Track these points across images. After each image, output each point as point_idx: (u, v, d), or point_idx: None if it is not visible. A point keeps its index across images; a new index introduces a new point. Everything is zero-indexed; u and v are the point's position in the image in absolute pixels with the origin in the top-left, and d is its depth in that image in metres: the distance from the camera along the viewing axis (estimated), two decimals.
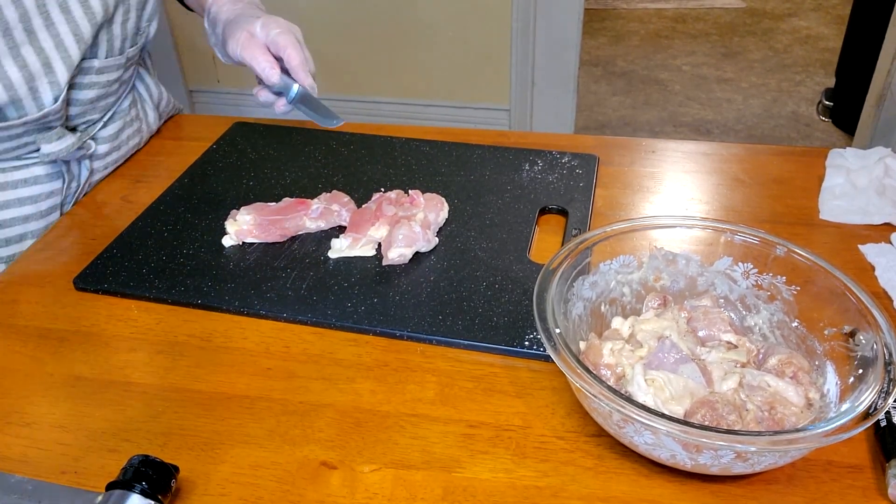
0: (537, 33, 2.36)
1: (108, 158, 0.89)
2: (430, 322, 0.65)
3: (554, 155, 0.89)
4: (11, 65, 0.72)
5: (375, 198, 0.79)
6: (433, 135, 0.95)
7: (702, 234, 0.63)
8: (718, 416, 0.49)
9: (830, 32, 3.53)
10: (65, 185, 0.84)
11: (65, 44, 0.75)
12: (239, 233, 0.75)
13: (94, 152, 0.86)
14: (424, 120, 2.59)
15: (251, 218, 0.75)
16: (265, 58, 0.78)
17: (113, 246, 0.75)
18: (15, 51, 0.72)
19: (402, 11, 2.40)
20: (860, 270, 0.71)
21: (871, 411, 0.47)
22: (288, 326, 0.66)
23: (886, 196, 0.80)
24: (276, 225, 0.75)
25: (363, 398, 0.59)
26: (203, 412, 0.58)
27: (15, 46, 0.72)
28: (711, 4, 3.88)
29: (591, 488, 0.52)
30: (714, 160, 0.90)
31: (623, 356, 0.55)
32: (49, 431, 0.57)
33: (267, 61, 0.78)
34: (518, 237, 0.75)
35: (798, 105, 2.95)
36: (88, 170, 0.87)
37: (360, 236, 0.73)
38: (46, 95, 0.76)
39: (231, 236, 0.75)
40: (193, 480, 0.53)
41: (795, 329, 0.59)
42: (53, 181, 0.83)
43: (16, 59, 0.72)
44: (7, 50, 0.71)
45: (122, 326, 0.67)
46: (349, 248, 0.73)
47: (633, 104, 3.00)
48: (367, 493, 0.52)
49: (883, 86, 2.09)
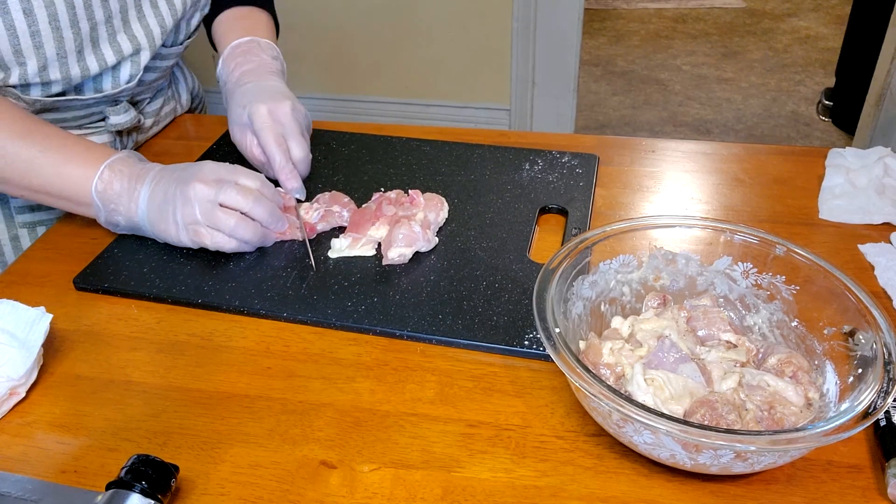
0: (537, 33, 2.36)
1: (150, 132, 0.98)
2: (430, 321, 0.65)
3: (554, 155, 0.89)
4: (108, 48, 0.81)
5: (375, 197, 0.79)
6: (433, 135, 0.95)
7: (701, 234, 0.63)
8: (718, 416, 0.49)
9: (830, 32, 3.53)
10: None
11: (153, 33, 0.85)
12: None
13: (142, 124, 0.94)
14: (424, 120, 2.59)
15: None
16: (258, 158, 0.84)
17: (113, 245, 0.75)
18: (112, 37, 0.81)
19: (402, 11, 2.40)
20: (860, 270, 0.71)
21: (871, 411, 0.47)
22: (288, 326, 0.66)
23: (886, 196, 0.80)
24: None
25: (363, 397, 0.59)
26: (203, 411, 0.58)
27: (113, 33, 0.81)
28: (711, 4, 3.88)
29: (590, 488, 0.52)
30: (714, 160, 0.91)
31: (623, 356, 0.55)
32: (49, 431, 0.57)
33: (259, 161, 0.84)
34: (518, 237, 0.75)
35: (798, 105, 2.95)
36: (134, 142, 0.94)
37: (359, 236, 0.73)
38: (125, 74, 0.85)
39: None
40: (193, 480, 0.53)
41: (795, 329, 0.59)
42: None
43: (111, 44, 0.82)
44: (107, 35, 0.81)
45: (122, 326, 0.67)
46: (349, 248, 0.73)
47: (633, 104, 3.00)
48: (367, 492, 0.52)
49: (883, 86, 2.09)
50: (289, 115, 0.82)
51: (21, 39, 0.73)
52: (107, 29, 0.80)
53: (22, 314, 0.60)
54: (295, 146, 0.82)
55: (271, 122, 0.81)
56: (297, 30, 2.42)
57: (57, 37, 0.75)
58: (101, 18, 0.79)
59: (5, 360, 0.57)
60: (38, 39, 0.74)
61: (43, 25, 0.74)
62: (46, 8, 0.74)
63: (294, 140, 0.82)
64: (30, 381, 0.60)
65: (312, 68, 2.54)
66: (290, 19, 2.50)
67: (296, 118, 0.83)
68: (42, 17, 0.74)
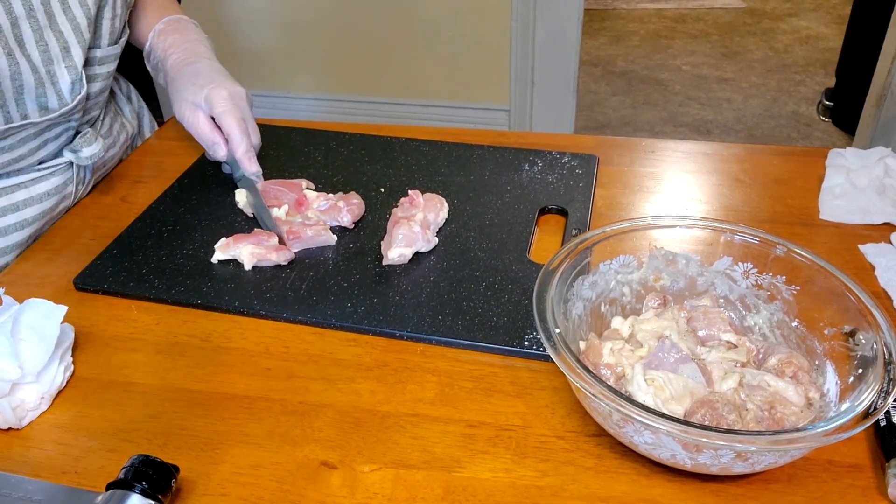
0: (537, 33, 2.36)
1: (107, 155, 0.90)
2: (430, 322, 0.65)
3: (554, 155, 0.89)
4: (34, 48, 0.73)
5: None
6: (433, 135, 0.95)
7: (702, 234, 0.63)
8: (718, 416, 0.49)
9: (830, 32, 3.53)
10: (75, 186, 0.86)
11: (80, 27, 0.77)
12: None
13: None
14: (424, 120, 2.59)
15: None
16: (211, 136, 0.82)
17: (113, 246, 0.75)
18: (38, 34, 0.73)
19: (402, 11, 2.40)
20: (860, 270, 0.71)
21: (871, 411, 0.47)
22: (288, 326, 0.66)
23: (886, 196, 0.80)
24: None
25: (363, 398, 0.59)
26: (203, 412, 0.58)
27: (39, 30, 0.73)
28: (711, 4, 3.88)
29: (591, 488, 0.52)
30: (714, 160, 0.90)
31: (623, 356, 0.55)
32: (49, 431, 0.57)
33: (212, 140, 0.82)
34: (518, 237, 0.75)
35: (798, 105, 2.95)
36: (91, 170, 0.87)
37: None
38: (65, 82, 0.77)
39: (220, 253, 0.73)
40: (193, 480, 0.53)
41: (795, 329, 0.59)
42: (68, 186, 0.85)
43: (38, 43, 0.74)
44: (31, 33, 0.73)
45: (121, 327, 0.67)
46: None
47: (633, 104, 3.00)
48: (368, 492, 0.52)
49: (883, 86, 2.09)
50: (244, 101, 0.84)
51: None
52: (31, 25, 0.72)
53: (39, 307, 0.60)
54: (253, 133, 0.84)
55: (232, 106, 0.81)
56: (296, 30, 2.42)
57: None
58: (21, 13, 0.71)
59: (28, 357, 0.57)
60: None
61: None
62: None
63: (252, 126, 0.84)
64: (55, 383, 0.59)
65: (311, 68, 2.54)
66: (289, 19, 2.50)
67: (249, 103, 0.85)
68: None
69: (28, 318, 0.59)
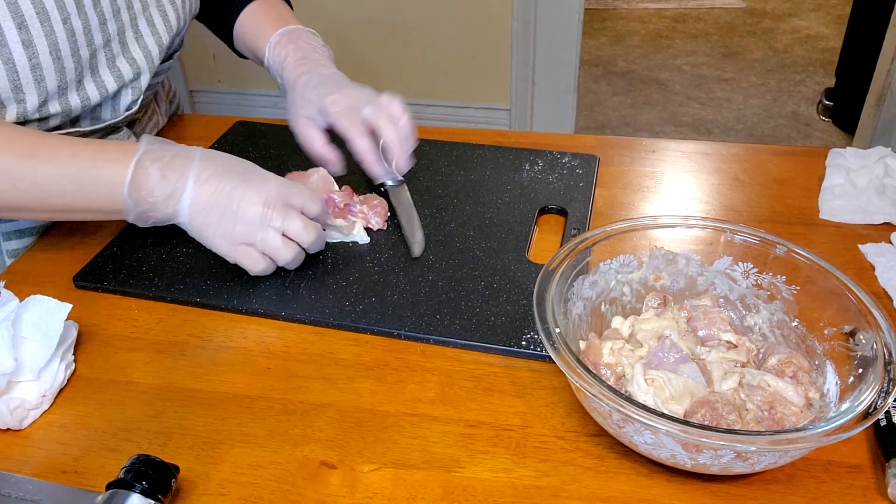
0: (537, 33, 2.36)
1: None
2: (429, 322, 0.65)
3: (554, 155, 0.89)
4: (108, 74, 0.76)
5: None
6: (433, 135, 0.95)
7: (702, 234, 0.63)
8: (718, 416, 0.49)
9: (830, 32, 3.53)
10: None
11: (152, 54, 0.80)
12: None
13: None
14: (424, 120, 2.58)
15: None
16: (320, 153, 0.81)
17: (113, 244, 0.75)
18: (111, 61, 0.76)
19: (402, 11, 2.40)
20: (860, 270, 0.71)
21: (871, 411, 0.47)
22: (288, 326, 0.66)
23: (886, 196, 0.80)
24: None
25: (363, 398, 0.59)
26: (203, 412, 0.58)
27: (112, 57, 0.76)
28: (711, 4, 3.89)
29: (590, 488, 0.52)
30: (714, 160, 0.90)
31: (623, 356, 0.55)
32: (49, 431, 0.57)
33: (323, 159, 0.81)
34: (517, 237, 0.75)
35: (798, 105, 2.95)
36: None
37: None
38: (125, 101, 0.80)
39: None
40: (193, 480, 0.53)
41: (795, 329, 0.59)
42: None
43: (111, 69, 0.76)
44: (106, 61, 0.75)
45: (122, 326, 0.67)
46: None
47: (633, 104, 3.00)
48: (367, 492, 0.52)
49: (883, 86, 2.10)
50: (365, 101, 0.79)
51: (21, 74, 0.67)
52: (105, 54, 0.75)
53: (43, 304, 0.60)
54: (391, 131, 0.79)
55: (346, 109, 0.77)
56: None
57: (58, 67, 0.69)
58: (100, 43, 0.73)
59: (28, 354, 0.57)
60: (38, 73, 0.68)
61: (44, 57, 0.68)
62: (47, 37, 0.68)
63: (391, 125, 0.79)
64: (56, 381, 0.59)
65: None
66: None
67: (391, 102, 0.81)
68: (42, 48, 0.68)
69: (31, 314, 0.59)
